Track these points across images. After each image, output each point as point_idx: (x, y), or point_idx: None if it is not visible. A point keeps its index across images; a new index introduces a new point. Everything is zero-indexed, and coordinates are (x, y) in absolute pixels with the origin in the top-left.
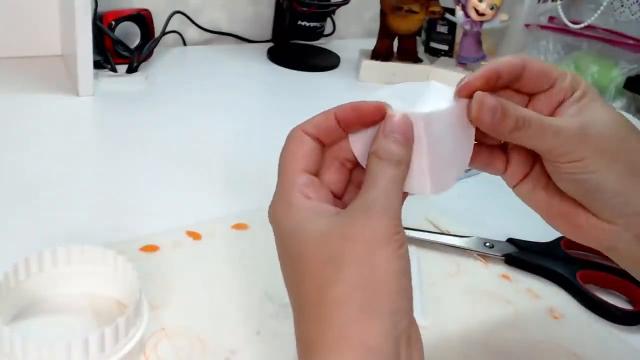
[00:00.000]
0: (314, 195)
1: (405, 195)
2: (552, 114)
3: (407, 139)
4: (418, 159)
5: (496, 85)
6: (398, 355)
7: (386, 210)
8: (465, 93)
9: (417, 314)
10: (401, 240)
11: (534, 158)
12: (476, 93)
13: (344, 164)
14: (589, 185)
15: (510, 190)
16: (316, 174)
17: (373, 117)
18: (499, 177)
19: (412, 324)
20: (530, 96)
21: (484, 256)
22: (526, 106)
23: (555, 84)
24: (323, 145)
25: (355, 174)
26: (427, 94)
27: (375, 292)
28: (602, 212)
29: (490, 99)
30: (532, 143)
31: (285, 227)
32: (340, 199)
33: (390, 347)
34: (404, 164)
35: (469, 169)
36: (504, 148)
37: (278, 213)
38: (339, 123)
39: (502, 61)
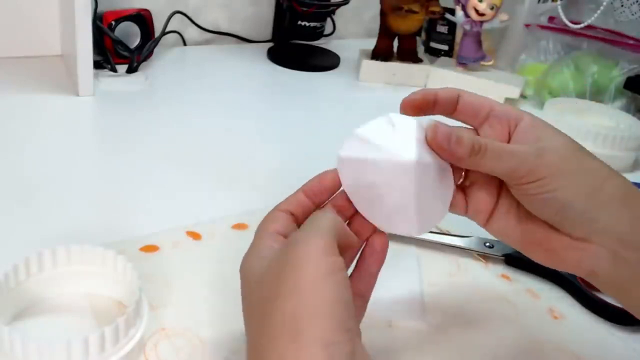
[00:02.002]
0: (279, 246)
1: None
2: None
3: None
4: (405, 202)
5: (433, 108)
6: None
7: (313, 237)
8: (406, 109)
9: (417, 314)
10: (336, 264)
11: (496, 191)
12: (429, 121)
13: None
14: (556, 204)
15: None
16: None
17: (334, 188)
18: None
19: (354, 355)
20: (476, 129)
21: (484, 256)
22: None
23: (490, 115)
24: (297, 219)
25: None
26: (394, 132)
27: (304, 321)
28: (574, 231)
29: (442, 126)
30: (491, 166)
31: (244, 276)
32: None
33: None
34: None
35: None
36: (463, 189)
37: (242, 265)
38: (309, 197)
39: (439, 89)
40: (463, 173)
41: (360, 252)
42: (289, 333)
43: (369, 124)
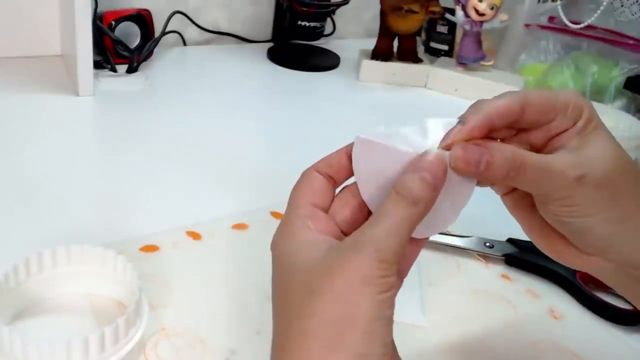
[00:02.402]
0: (316, 227)
1: (420, 242)
2: (548, 142)
3: (437, 181)
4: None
5: (488, 135)
6: None
7: (380, 251)
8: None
9: (417, 314)
10: (387, 284)
11: None
12: (454, 146)
13: (362, 205)
14: (576, 227)
15: None
16: (325, 209)
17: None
18: None
19: None
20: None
21: (484, 256)
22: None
23: (557, 118)
24: (336, 183)
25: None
26: (425, 130)
27: (343, 331)
28: (586, 248)
29: (470, 150)
30: (525, 187)
31: (279, 256)
32: None
33: None
34: (423, 206)
35: None
36: None
37: (276, 242)
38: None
39: (497, 106)
40: None
41: None
42: (324, 337)
43: (403, 127)
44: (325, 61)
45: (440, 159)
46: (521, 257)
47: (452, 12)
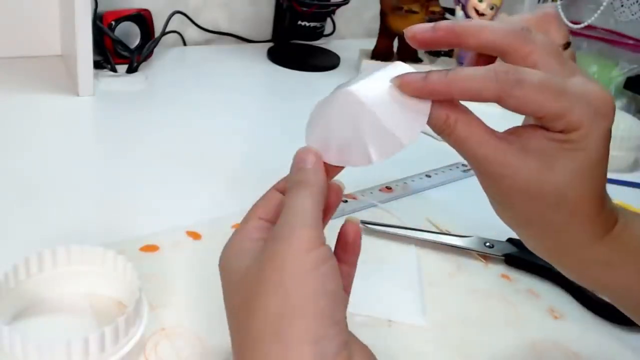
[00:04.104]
0: (260, 236)
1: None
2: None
3: (309, 164)
4: (355, 132)
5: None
6: None
7: (295, 229)
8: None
9: (417, 313)
10: (320, 257)
11: None
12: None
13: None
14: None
15: None
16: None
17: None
18: None
19: (347, 345)
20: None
21: (484, 256)
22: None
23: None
24: None
25: None
26: (388, 71)
27: (289, 320)
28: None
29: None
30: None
31: (221, 269)
32: None
33: None
34: (313, 184)
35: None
36: None
37: (222, 259)
38: None
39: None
40: None
41: (335, 246)
42: (274, 333)
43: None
44: (325, 61)
45: (301, 149)
46: (521, 257)
47: (452, 12)
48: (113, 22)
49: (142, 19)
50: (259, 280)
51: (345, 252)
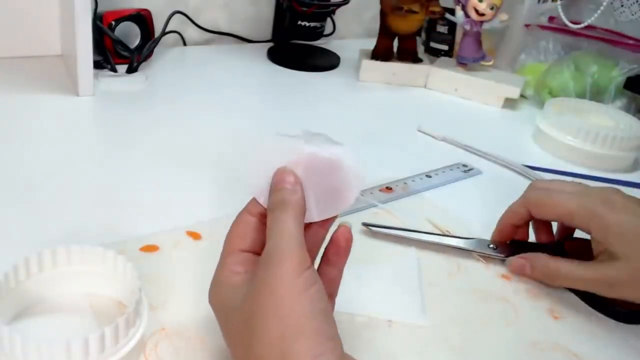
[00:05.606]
0: (246, 269)
1: (325, 223)
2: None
3: (287, 183)
4: (305, 192)
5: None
6: None
7: (285, 254)
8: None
9: (417, 314)
10: (309, 279)
11: None
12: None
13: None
14: None
15: (512, 191)
16: (256, 250)
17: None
18: (498, 178)
19: (343, 357)
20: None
21: (485, 257)
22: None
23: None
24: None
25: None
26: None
27: (291, 340)
28: None
29: (516, 263)
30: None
31: (216, 308)
32: None
33: None
34: (295, 205)
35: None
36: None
37: (211, 297)
38: None
39: (507, 212)
40: None
41: (324, 253)
42: (278, 353)
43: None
44: (325, 61)
45: (281, 169)
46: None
47: (452, 12)
48: (113, 22)
49: (142, 19)
50: (257, 308)
51: (336, 255)
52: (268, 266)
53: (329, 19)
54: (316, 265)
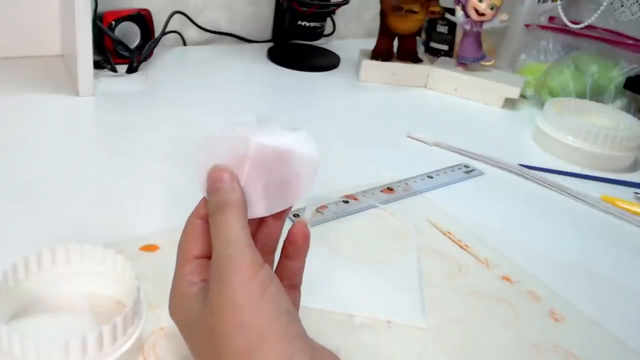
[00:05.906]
0: (202, 277)
1: (279, 216)
2: None
3: (224, 182)
4: (252, 187)
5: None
6: None
7: (235, 260)
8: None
9: (416, 315)
10: (265, 280)
11: None
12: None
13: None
14: None
15: (512, 191)
16: (210, 255)
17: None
18: (500, 179)
19: (314, 352)
20: None
21: (485, 258)
22: None
23: None
24: None
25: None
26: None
27: (257, 348)
28: None
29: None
30: None
31: (177, 321)
32: None
33: None
34: (236, 204)
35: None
36: None
37: (170, 310)
38: None
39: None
40: None
41: (283, 247)
42: None
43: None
44: (325, 61)
45: (213, 169)
46: None
47: (452, 12)
48: (113, 22)
49: (142, 19)
50: (216, 321)
51: (295, 251)
52: (221, 276)
53: (329, 19)
54: (277, 257)
